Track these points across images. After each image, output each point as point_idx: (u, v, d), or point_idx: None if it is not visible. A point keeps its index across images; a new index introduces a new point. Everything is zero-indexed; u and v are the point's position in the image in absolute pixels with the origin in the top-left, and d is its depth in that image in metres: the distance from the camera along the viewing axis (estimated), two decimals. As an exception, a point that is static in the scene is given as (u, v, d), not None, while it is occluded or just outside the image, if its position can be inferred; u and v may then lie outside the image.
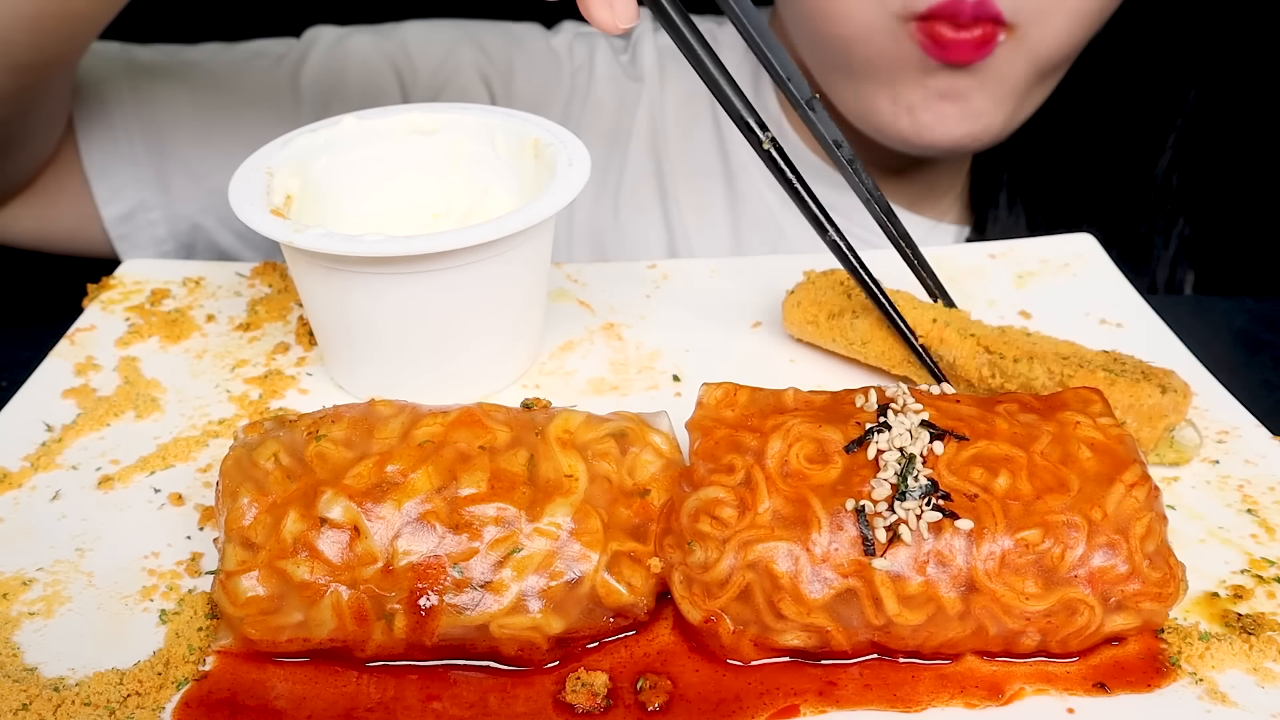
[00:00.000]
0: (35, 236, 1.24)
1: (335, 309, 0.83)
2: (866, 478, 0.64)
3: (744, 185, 1.33)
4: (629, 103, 1.35)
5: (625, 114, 1.35)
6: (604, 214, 1.33)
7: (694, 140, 1.34)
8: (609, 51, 1.38)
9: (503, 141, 0.92)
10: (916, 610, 0.63)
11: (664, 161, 1.33)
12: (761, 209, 1.32)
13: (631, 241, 1.33)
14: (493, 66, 1.33)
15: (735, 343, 0.94)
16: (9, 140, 1.10)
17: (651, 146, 1.34)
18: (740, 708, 0.63)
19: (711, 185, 1.33)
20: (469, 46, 1.34)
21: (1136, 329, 0.95)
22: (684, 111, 1.35)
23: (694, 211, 1.32)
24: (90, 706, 0.62)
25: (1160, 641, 0.66)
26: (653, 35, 1.39)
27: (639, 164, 1.34)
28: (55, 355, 0.92)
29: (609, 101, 1.35)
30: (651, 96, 1.35)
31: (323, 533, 0.64)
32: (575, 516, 0.65)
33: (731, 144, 1.34)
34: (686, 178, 1.33)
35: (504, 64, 1.34)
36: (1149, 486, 0.65)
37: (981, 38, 1.09)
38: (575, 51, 1.37)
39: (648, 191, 1.33)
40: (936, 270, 1.03)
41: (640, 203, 1.33)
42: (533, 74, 1.34)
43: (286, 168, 0.87)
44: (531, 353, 0.91)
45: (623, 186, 1.33)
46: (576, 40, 1.38)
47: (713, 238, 1.32)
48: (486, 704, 0.63)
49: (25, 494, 0.78)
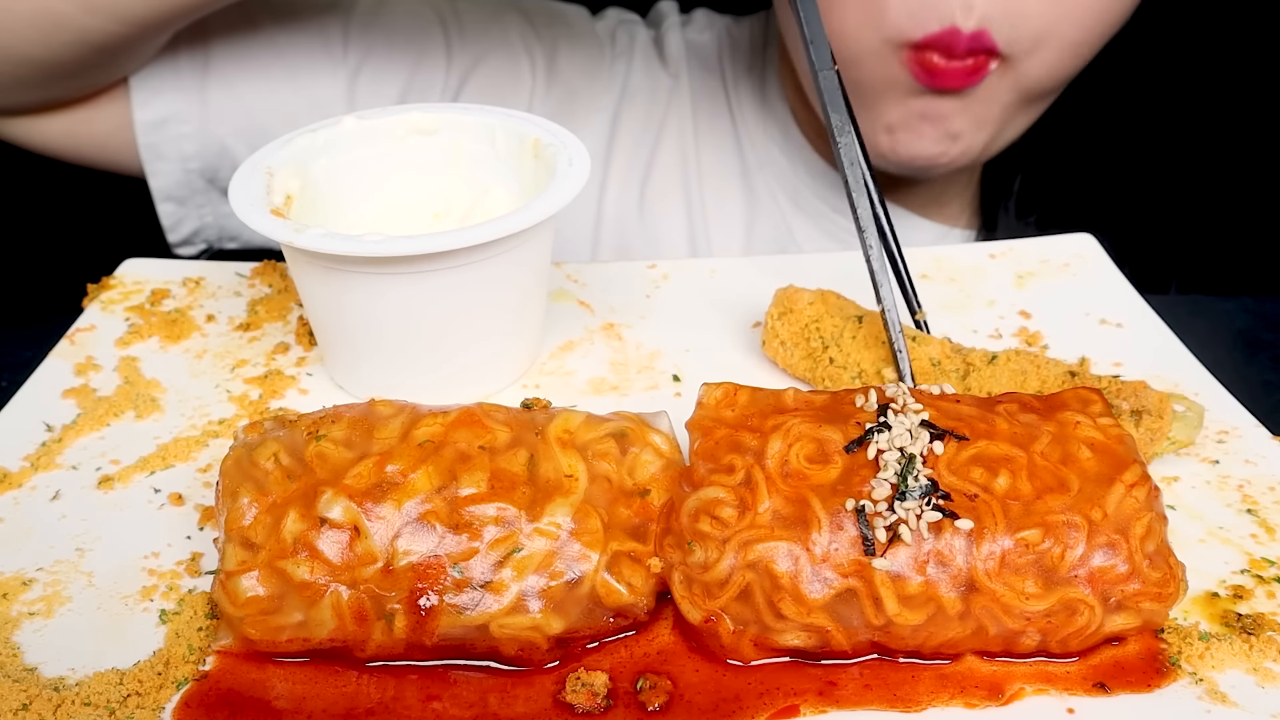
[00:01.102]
0: (65, 141, 1.24)
1: (335, 309, 0.83)
2: (866, 478, 0.64)
3: (758, 184, 1.33)
4: (662, 93, 1.36)
5: (658, 104, 1.36)
6: (630, 200, 1.34)
7: (716, 137, 1.36)
8: (648, 42, 1.39)
9: (503, 141, 0.92)
10: (916, 610, 0.63)
11: (689, 154, 1.34)
12: (773, 207, 1.32)
13: (653, 228, 1.34)
14: (538, 40, 1.34)
15: (735, 343, 0.94)
16: (113, 66, 1.13)
17: (679, 138, 1.35)
18: (740, 708, 0.63)
19: (729, 182, 1.35)
20: (516, 15, 1.34)
21: (1136, 329, 0.95)
22: (708, 108, 1.36)
23: (714, 206, 1.34)
24: (90, 706, 0.62)
25: (1160, 641, 0.66)
26: (680, 29, 1.39)
27: (668, 154, 1.35)
28: (55, 355, 0.92)
29: (644, 90, 1.36)
30: (681, 92, 1.36)
31: (323, 533, 0.64)
32: (575, 516, 0.65)
33: (747, 143, 1.34)
34: (708, 172, 1.34)
35: (549, 39, 1.35)
36: (1149, 486, 0.65)
37: (973, 67, 1.09)
38: (618, 38, 1.38)
39: (673, 181, 1.34)
40: (936, 270, 1.03)
41: (666, 191, 1.34)
42: (575, 53, 1.35)
43: (286, 167, 0.87)
44: (531, 353, 0.91)
45: (651, 174, 1.34)
46: (620, 27, 1.39)
47: (728, 232, 1.33)
48: (486, 704, 0.63)
49: (25, 494, 0.78)
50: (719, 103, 1.36)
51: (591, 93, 1.34)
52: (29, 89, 1.13)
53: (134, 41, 1.10)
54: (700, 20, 1.44)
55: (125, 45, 1.10)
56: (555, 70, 1.33)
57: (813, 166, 1.32)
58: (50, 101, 1.18)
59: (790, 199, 1.32)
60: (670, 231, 1.33)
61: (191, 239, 1.34)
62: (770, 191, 1.33)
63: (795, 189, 1.32)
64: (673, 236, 1.33)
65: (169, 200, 1.29)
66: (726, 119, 1.36)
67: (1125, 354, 0.92)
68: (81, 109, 1.20)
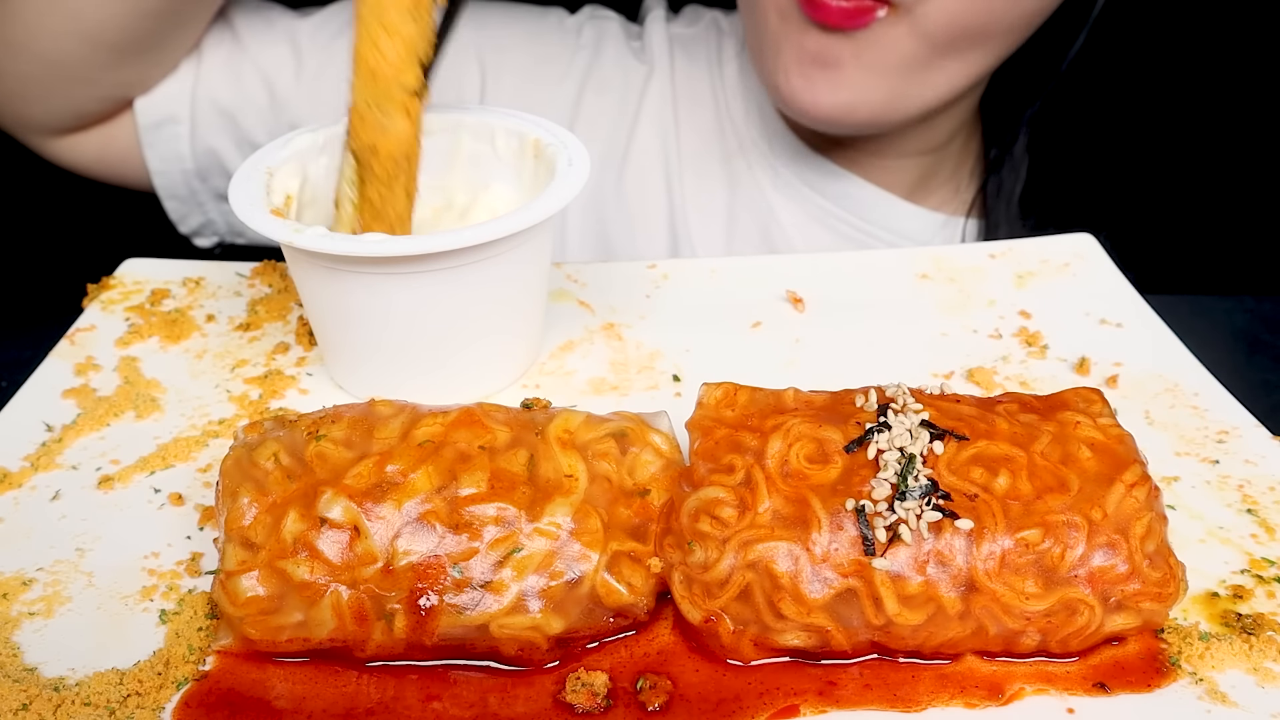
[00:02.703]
0: (99, 159, 1.30)
1: (335, 309, 0.83)
2: (866, 478, 0.64)
3: (739, 168, 1.35)
4: (636, 85, 1.37)
5: (632, 95, 1.37)
6: (608, 189, 1.35)
7: (698, 125, 1.37)
8: (620, 35, 1.40)
9: (503, 141, 0.92)
10: (916, 610, 0.63)
11: (669, 144, 1.35)
12: (755, 192, 1.33)
13: (632, 217, 1.35)
14: (487, 39, 1.35)
15: (735, 343, 0.94)
16: (172, 30, 1.18)
17: (659, 129, 1.36)
18: (740, 708, 0.63)
19: (711, 169, 1.36)
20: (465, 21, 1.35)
21: (1136, 329, 0.95)
22: (690, 97, 1.37)
23: (694, 192, 1.35)
24: (90, 706, 0.62)
25: (1160, 641, 0.66)
26: (664, 22, 1.40)
27: (645, 145, 1.36)
28: (55, 355, 0.92)
29: (615, 83, 1.37)
30: (662, 82, 1.37)
31: (323, 533, 0.64)
32: (575, 516, 0.65)
33: (729, 129, 1.35)
34: (689, 160, 1.36)
35: (502, 38, 1.36)
36: (1149, 486, 0.65)
37: (857, 9, 1.08)
38: (585, 32, 1.39)
39: (653, 171, 1.35)
40: (936, 270, 1.03)
41: (644, 181, 1.35)
42: (532, 48, 1.36)
43: (286, 168, 0.87)
44: (532, 353, 0.91)
45: (627, 165, 1.35)
46: (589, 22, 1.40)
47: (709, 217, 1.34)
48: (486, 704, 0.63)
49: (25, 494, 0.78)
50: (703, 90, 1.38)
51: (545, 83, 1.35)
52: (104, 69, 1.19)
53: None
54: (689, 14, 1.45)
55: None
56: (504, 65, 1.34)
57: (793, 149, 1.33)
58: (124, 88, 1.24)
59: (771, 180, 1.33)
60: (650, 215, 1.35)
61: (202, 231, 1.39)
62: (752, 174, 1.34)
63: (775, 170, 1.33)
64: (653, 219, 1.35)
65: (172, 198, 1.34)
66: (710, 107, 1.37)
67: (1125, 354, 0.92)
68: (109, 125, 1.28)
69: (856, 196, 1.32)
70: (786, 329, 0.95)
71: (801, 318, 0.97)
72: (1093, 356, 0.91)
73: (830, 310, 0.97)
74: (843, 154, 1.32)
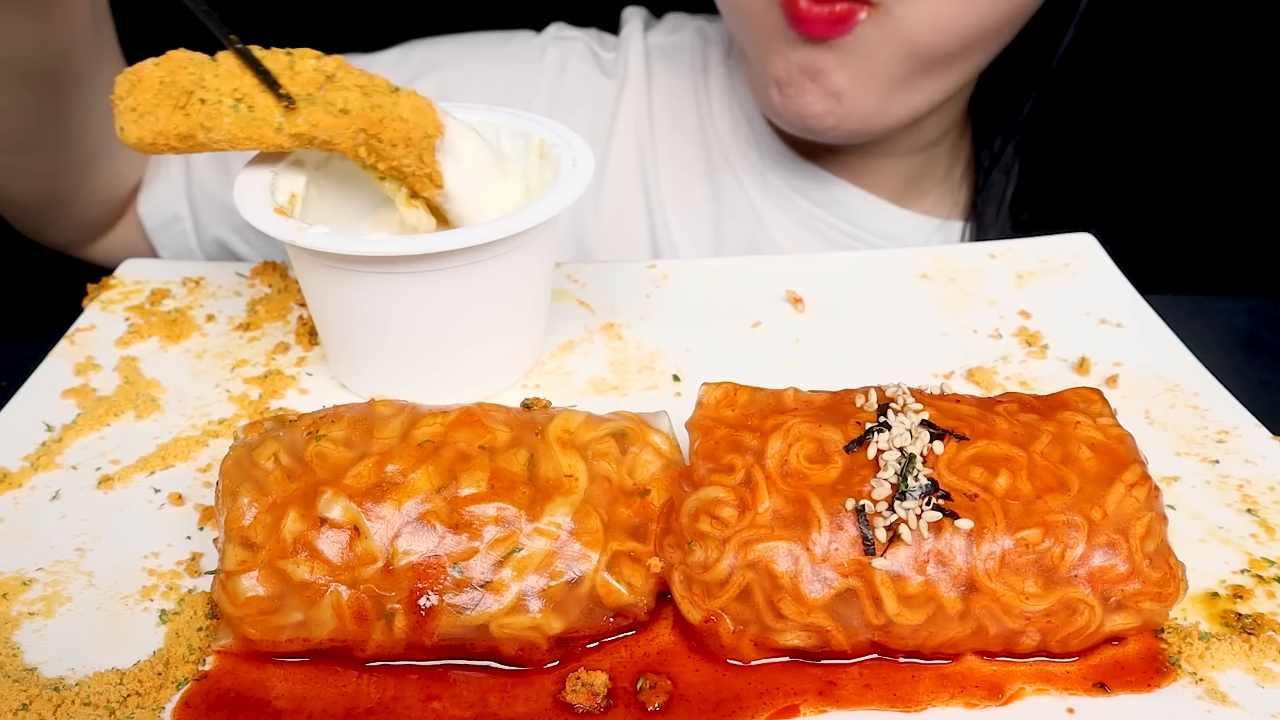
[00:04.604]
0: (127, 254, 1.35)
1: (338, 308, 0.83)
2: (866, 477, 0.64)
3: (724, 177, 1.34)
4: (608, 100, 1.37)
5: (604, 110, 1.36)
6: (585, 205, 1.35)
7: (678, 135, 1.36)
8: (585, 53, 1.40)
9: (508, 141, 0.92)
10: (916, 610, 0.63)
11: (647, 156, 1.35)
12: (742, 200, 1.33)
13: (611, 230, 1.35)
14: (450, 76, 1.36)
15: (735, 343, 0.94)
16: (50, 146, 1.17)
17: (636, 142, 1.35)
18: (740, 708, 0.63)
19: (694, 179, 1.35)
20: (426, 57, 1.39)
21: (1136, 329, 0.95)
22: (670, 107, 1.37)
23: (676, 204, 1.34)
24: (90, 706, 0.62)
25: (1160, 641, 0.66)
26: (642, 35, 1.40)
27: (622, 158, 1.35)
28: (55, 355, 0.92)
29: (586, 98, 1.37)
30: (637, 93, 1.37)
31: (323, 533, 0.64)
32: (575, 516, 0.65)
33: (713, 136, 1.35)
34: (670, 171, 1.35)
35: (469, 71, 1.37)
36: (1149, 486, 0.65)
37: (840, 15, 1.08)
38: (548, 54, 1.39)
39: (631, 184, 1.35)
40: (936, 270, 1.03)
41: (622, 195, 1.35)
42: (494, 78, 1.37)
43: (291, 166, 0.87)
44: (534, 353, 0.91)
45: (605, 178, 1.35)
46: (553, 44, 1.40)
47: (694, 227, 1.34)
48: (486, 704, 0.63)
49: (25, 494, 0.78)
50: (686, 101, 1.37)
51: (514, 105, 1.35)
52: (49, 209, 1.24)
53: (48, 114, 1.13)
54: (670, 22, 1.45)
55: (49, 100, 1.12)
56: (467, 97, 1.35)
57: (781, 155, 1.32)
58: (83, 196, 1.27)
59: (759, 188, 1.33)
60: (630, 228, 1.34)
61: None
62: (739, 182, 1.34)
63: (763, 177, 1.33)
64: (633, 232, 1.34)
65: None
66: (693, 115, 1.37)
67: (1125, 354, 0.92)
68: (123, 227, 1.33)
69: (846, 202, 1.32)
70: (786, 329, 0.95)
71: (801, 318, 0.97)
72: (1093, 356, 0.91)
73: (830, 310, 0.97)
74: (832, 159, 1.31)
